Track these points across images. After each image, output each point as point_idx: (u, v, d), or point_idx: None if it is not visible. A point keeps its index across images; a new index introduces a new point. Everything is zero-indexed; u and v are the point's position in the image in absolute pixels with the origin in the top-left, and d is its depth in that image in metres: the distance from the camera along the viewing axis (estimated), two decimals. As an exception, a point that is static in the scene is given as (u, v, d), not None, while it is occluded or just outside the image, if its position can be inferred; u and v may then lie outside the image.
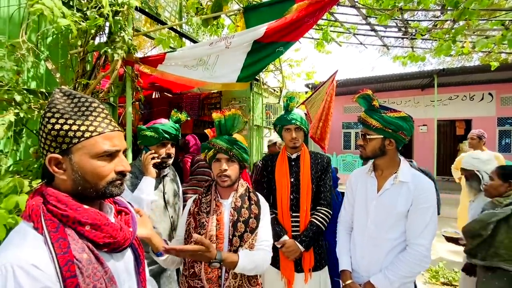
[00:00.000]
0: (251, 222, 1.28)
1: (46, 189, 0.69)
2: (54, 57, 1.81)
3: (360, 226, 1.47)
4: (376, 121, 1.34)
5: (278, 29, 1.82)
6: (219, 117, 1.32)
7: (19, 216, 1.23)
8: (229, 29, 5.05)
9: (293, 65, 6.54)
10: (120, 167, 0.73)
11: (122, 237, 0.74)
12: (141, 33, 2.41)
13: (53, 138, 0.67)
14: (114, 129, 0.73)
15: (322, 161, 1.80)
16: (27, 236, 0.63)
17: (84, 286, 0.63)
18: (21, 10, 1.71)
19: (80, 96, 0.73)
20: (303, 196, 1.70)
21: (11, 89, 1.35)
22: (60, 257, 0.61)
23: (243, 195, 1.34)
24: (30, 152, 1.58)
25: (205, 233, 1.21)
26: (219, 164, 1.29)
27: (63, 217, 0.66)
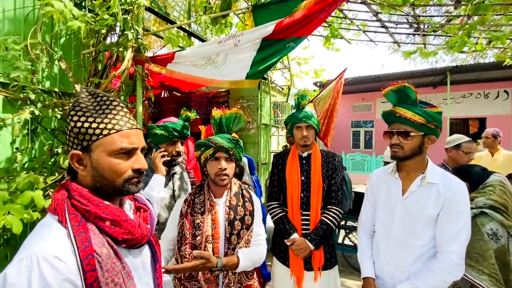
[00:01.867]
0: (246, 219, 1.29)
1: (70, 184, 0.71)
2: (67, 57, 1.85)
3: (384, 230, 1.36)
4: (420, 116, 1.21)
5: (287, 26, 1.81)
6: (220, 115, 1.31)
7: (35, 211, 1.27)
8: (237, 28, 5.05)
9: (301, 63, 6.50)
10: (137, 165, 0.73)
11: (140, 233, 0.75)
12: (150, 33, 2.44)
13: (75, 135, 0.70)
14: (132, 127, 0.74)
15: (334, 160, 1.78)
16: (52, 229, 0.66)
17: (103, 280, 0.64)
18: (35, 11, 1.76)
19: (103, 95, 0.75)
20: (314, 195, 1.69)
21: (26, 88, 1.39)
22: (81, 250, 0.63)
23: (237, 193, 1.34)
24: (45, 149, 1.63)
25: (200, 234, 1.21)
26: (217, 163, 1.26)
27: (85, 212, 0.68)
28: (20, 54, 1.38)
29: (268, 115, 5.55)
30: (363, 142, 11.36)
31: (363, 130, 11.41)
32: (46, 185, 1.38)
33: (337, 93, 3.29)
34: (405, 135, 1.24)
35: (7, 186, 1.26)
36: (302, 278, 1.65)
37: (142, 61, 1.95)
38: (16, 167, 1.40)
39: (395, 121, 1.27)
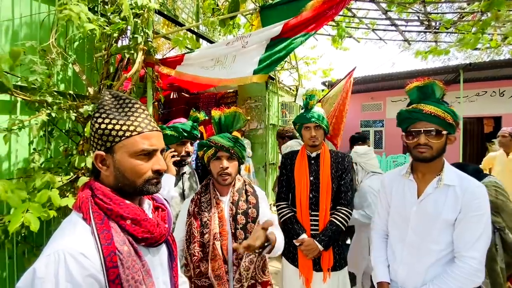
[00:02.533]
0: (250, 212, 1.29)
1: (94, 183, 0.74)
2: (80, 60, 1.91)
3: (399, 234, 1.32)
4: (448, 114, 1.15)
5: (295, 25, 1.80)
6: (219, 115, 1.32)
7: (51, 210, 1.32)
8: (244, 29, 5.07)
9: (309, 63, 6.47)
10: (157, 166, 0.76)
11: (158, 232, 0.77)
12: (160, 35, 2.49)
13: (99, 137, 0.73)
14: (153, 129, 0.76)
15: (343, 160, 1.76)
16: (77, 226, 0.69)
17: (124, 277, 0.67)
18: (50, 16, 1.82)
19: (125, 97, 0.77)
20: (323, 195, 1.69)
21: (43, 91, 1.44)
22: (104, 247, 0.66)
23: (240, 189, 1.35)
24: (60, 150, 1.68)
25: (208, 232, 1.22)
26: (219, 162, 1.28)
27: (108, 210, 0.71)
28: (37, 58, 1.43)
29: (276, 116, 5.55)
30: (372, 142, 11.18)
31: (373, 130, 11.24)
32: (61, 185, 1.42)
33: (346, 93, 3.26)
34: (435, 134, 1.16)
35: (25, 186, 1.31)
36: (311, 278, 1.65)
37: (152, 64, 2.00)
38: (34, 167, 1.45)
39: (420, 119, 1.18)
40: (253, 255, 1.22)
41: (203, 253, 1.22)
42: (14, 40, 1.68)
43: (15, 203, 1.17)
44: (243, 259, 1.22)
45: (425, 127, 1.17)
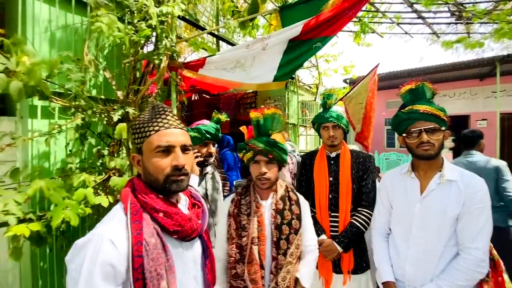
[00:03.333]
0: (294, 223, 1.26)
1: (134, 179, 0.83)
2: (110, 67, 2.03)
3: (403, 232, 1.34)
4: (440, 111, 1.22)
5: (315, 25, 1.80)
6: (257, 117, 1.29)
7: (87, 207, 1.42)
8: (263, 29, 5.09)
9: (329, 60, 6.36)
10: (174, 161, 0.80)
11: (189, 227, 0.82)
12: (183, 40, 2.57)
13: (134, 141, 0.83)
14: (170, 126, 0.82)
15: (364, 160, 1.73)
16: (116, 215, 0.77)
17: (148, 268, 0.71)
18: (82, 26, 1.95)
19: (157, 106, 0.86)
20: (343, 196, 1.66)
21: (78, 97, 1.56)
22: (133, 236, 0.72)
23: (284, 196, 1.31)
24: (93, 151, 1.80)
25: (246, 235, 1.21)
26: (258, 167, 1.26)
27: (144, 203, 0.78)
28: (73, 67, 1.55)
29: (296, 115, 5.51)
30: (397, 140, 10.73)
31: (398, 128, 10.77)
32: (95, 184, 1.53)
33: (372, 93, 3.15)
34: (433, 132, 1.22)
35: (64, 184, 1.43)
36: (331, 280, 1.63)
37: (176, 68, 2.08)
38: (71, 167, 1.58)
39: (418, 119, 1.24)
40: (290, 266, 1.21)
41: (240, 255, 1.21)
42: (52, 49, 1.84)
43: (56, 200, 1.28)
44: (282, 269, 1.20)
45: (424, 125, 1.22)
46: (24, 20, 1.73)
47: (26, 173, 1.44)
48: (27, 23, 1.74)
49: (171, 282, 0.76)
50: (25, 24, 1.73)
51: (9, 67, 1.25)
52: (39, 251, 1.75)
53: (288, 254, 1.22)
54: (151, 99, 1.93)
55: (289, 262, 1.22)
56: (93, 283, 0.66)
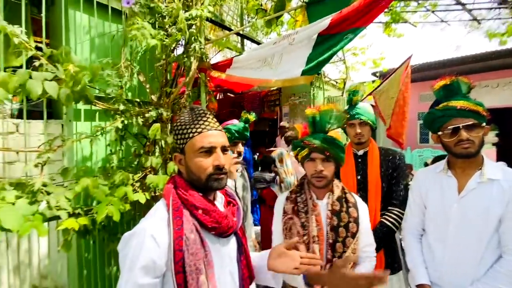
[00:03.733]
0: (351, 227, 1.21)
1: (176, 177, 0.89)
2: (143, 71, 2.14)
3: (439, 233, 1.29)
4: (479, 106, 1.15)
5: (344, 18, 1.73)
6: (313, 113, 1.24)
7: (126, 204, 1.52)
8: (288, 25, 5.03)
9: (357, 54, 6.12)
10: (216, 161, 0.85)
11: (226, 224, 0.86)
12: (211, 41, 2.63)
13: (176, 141, 0.88)
14: (211, 128, 0.86)
15: (394, 157, 1.66)
16: (158, 211, 0.84)
17: (188, 262, 0.76)
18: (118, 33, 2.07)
19: (196, 108, 0.91)
20: (371, 195, 1.61)
21: (117, 100, 1.67)
22: (174, 231, 0.77)
23: (340, 197, 1.26)
24: (131, 151, 1.92)
25: (306, 233, 1.19)
26: (313, 164, 1.21)
27: (184, 200, 0.83)
28: (112, 72, 1.65)
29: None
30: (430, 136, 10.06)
31: (433, 123, 10.09)
32: (133, 181, 1.63)
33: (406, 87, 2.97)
34: (472, 128, 1.15)
35: (106, 182, 1.54)
36: None
37: (205, 69, 2.13)
38: (112, 166, 1.70)
39: (454, 116, 1.18)
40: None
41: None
42: (91, 55, 1.98)
43: (100, 197, 1.38)
44: None
45: (462, 122, 1.16)
46: (67, 30, 1.88)
47: (73, 172, 1.57)
48: (69, 32, 1.88)
49: (210, 277, 0.79)
50: (68, 33, 1.88)
51: (58, 75, 1.37)
52: (84, 243, 1.90)
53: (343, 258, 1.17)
54: (182, 100, 2.00)
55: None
56: (134, 273, 0.73)
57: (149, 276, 0.74)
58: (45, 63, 1.41)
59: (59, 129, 2.14)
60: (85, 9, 1.89)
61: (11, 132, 2.03)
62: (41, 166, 1.41)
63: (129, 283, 0.74)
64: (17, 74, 1.20)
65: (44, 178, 1.38)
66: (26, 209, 1.16)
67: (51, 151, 1.45)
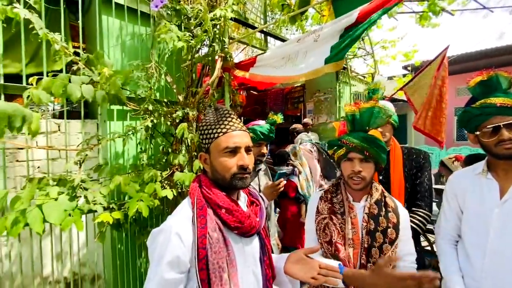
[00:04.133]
0: (389, 233, 1.14)
1: (201, 176, 0.92)
2: (170, 71, 2.21)
3: (477, 240, 1.20)
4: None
5: (373, 9, 1.64)
6: (353, 111, 1.17)
7: (155, 200, 1.59)
8: (313, 19, 4.90)
9: (387, 47, 5.80)
10: (240, 161, 0.86)
11: (248, 223, 0.86)
12: (235, 40, 2.65)
13: (202, 141, 0.90)
14: (235, 129, 0.88)
15: (418, 157, 1.59)
16: (183, 209, 0.87)
17: (211, 260, 0.78)
18: (147, 36, 2.16)
19: (221, 108, 0.93)
20: (394, 195, 1.52)
21: (147, 101, 1.74)
22: (199, 230, 0.80)
23: (379, 200, 1.19)
24: (160, 149, 2.00)
25: (342, 236, 1.14)
26: (351, 164, 1.15)
27: (208, 198, 0.85)
28: (142, 74, 1.73)
29: (348, 108, 5.20)
30: (470, 132, 9.28)
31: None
32: (162, 178, 1.70)
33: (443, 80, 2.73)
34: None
35: (136, 179, 1.63)
36: None
37: (229, 68, 2.15)
38: (142, 164, 1.79)
39: (493, 114, 1.10)
40: None
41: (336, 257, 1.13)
42: (122, 57, 2.08)
43: (131, 193, 1.47)
44: None
45: (503, 121, 1.07)
46: (101, 34, 1.99)
47: (107, 169, 1.68)
48: (103, 37, 2.00)
49: (232, 275, 0.81)
50: (101, 38, 2.00)
51: (93, 78, 1.47)
52: (117, 236, 2.03)
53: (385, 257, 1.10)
54: (207, 100, 2.04)
55: None
56: (160, 267, 0.77)
57: (174, 271, 0.77)
58: (82, 67, 1.52)
59: (95, 128, 2.30)
60: (116, 14, 1.99)
61: (54, 131, 2.21)
62: (79, 163, 1.52)
63: (156, 277, 0.77)
64: (58, 78, 1.29)
65: (82, 174, 1.49)
66: (67, 204, 1.26)
67: (88, 149, 1.56)
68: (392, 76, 8.36)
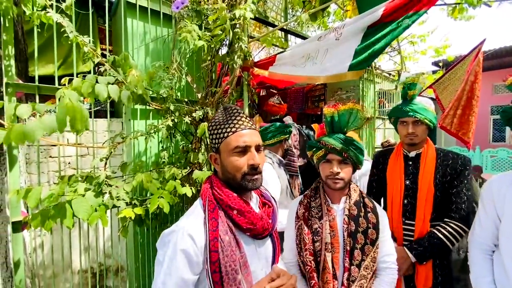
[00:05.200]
0: (370, 233, 1.14)
1: (212, 177, 0.91)
2: (191, 71, 2.25)
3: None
4: None
5: (400, 5, 1.56)
6: (332, 112, 1.19)
7: (175, 197, 1.63)
8: (335, 15, 4.77)
9: (415, 42, 5.49)
10: (250, 161, 0.83)
11: (261, 225, 0.85)
12: (255, 39, 2.64)
13: (212, 140, 0.89)
14: (245, 128, 0.85)
15: (455, 162, 1.43)
16: (195, 211, 0.86)
17: (223, 263, 0.77)
18: (169, 37, 2.22)
19: (229, 107, 0.91)
20: (421, 203, 1.42)
21: (168, 101, 1.79)
22: (210, 232, 0.79)
23: (358, 201, 1.20)
24: (179, 148, 2.05)
25: (319, 240, 1.14)
26: (329, 166, 1.17)
27: (220, 200, 0.84)
28: (164, 75, 1.78)
29: (372, 106, 5.00)
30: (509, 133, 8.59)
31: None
32: (182, 176, 1.74)
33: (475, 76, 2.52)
34: None
35: (158, 176, 1.68)
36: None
37: (248, 68, 2.15)
38: (163, 161, 1.84)
39: None
40: (364, 280, 1.10)
41: (315, 262, 1.14)
42: (146, 58, 2.15)
43: (153, 190, 1.51)
44: (355, 282, 1.10)
45: None
46: (126, 36, 2.07)
47: (131, 167, 1.75)
48: (127, 39, 2.08)
49: (246, 277, 0.80)
50: (126, 40, 2.08)
51: (119, 79, 1.53)
52: (140, 230, 2.11)
53: (362, 266, 1.11)
54: (225, 99, 2.06)
55: (363, 275, 1.10)
56: (173, 267, 0.76)
57: (187, 271, 0.76)
58: (108, 68, 1.59)
59: (120, 127, 2.40)
60: (140, 16, 2.06)
61: (83, 130, 2.33)
62: (105, 161, 1.59)
63: (168, 277, 0.76)
64: (86, 79, 1.36)
65: (107, 171, 1.56)
66: (93, 200, 1.33)
67: (113, 147, 1.63)
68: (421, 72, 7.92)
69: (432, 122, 1.48)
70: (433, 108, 1.53)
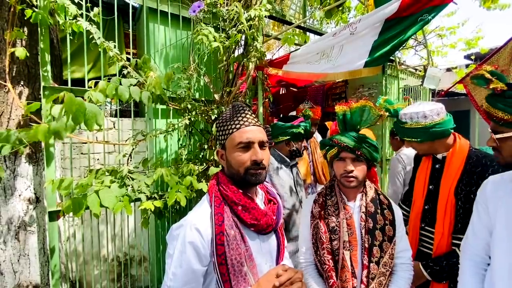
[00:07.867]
0: (387, 230, 1.13)
1: (219, 173, 0.95)
2: (208, 72, 2.33)
3: (506, 262, 0.92)
4: None
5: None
6: (344, 110, 1.19)
7: (192, 191, 1.71)
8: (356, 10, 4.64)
9: (444, 35, 5.18)
10: (254, 156, 0.86)
11: (264, 221, 0.88)
12: (271, 38, 2.67)
13: (218, 137, 0.94)
14: (249, 124, 0.88)
15: (484, 171, 1.22)
16: (202, 206, 0.89)
17: (229, 256, 0.81)
18: (188, 40, 2.31)
19: (237, 105, 0.95)
20: (441, 212, 1.30)
21: (186, 100, 1.88)
22: (216, 227, 0.82)
23: (374, 198, 1.18)
24: (197, 145, 2.14)
25: (337, 238, 1.13)
26: (343, 164, 1.16)
27: (225, 195, 0.87)
28: (182, 76, 1.87)
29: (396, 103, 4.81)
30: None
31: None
32: (199, 172, 1.82)
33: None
34: None
35: (176, 172, 1.77)
36: None
37: (263, 67, 2.18)
38: (182, 158, 1.93)
39: None
40: (383, 277, 1.09)
41: (333, 261, 1.13)
42: (166, 60, 2.26)
43: (172, 184, 1.60)
44: (374, 280, 1.08)
45: None
46: (148, 40, 2.19)
47: (152, 162, 1.86)
48: (149, 42, 2.20)
49: (251, 268, 0.83)
50: (149, 43, 2.20)
51: (140, 80, 1.64)
52: (160, 223, 2.24)
53: (381, 263, 1.09)
54: (241, 98, 2.11)
55: (382, 273, 1.09)
56: (182, 259, 0.79)
57: (196, 263, 0.80)
58: (131, 70, 1.70)
59: (143, 126, 2.55)
60: (161, 21, 2.18)
61: (110, 128, 2.52)
62: (127, 156, 1.71)
63: (178, 269, 0.79)
64: (111, 81, 1.48)
65: (130, 166, 1.68)
66: (117, 191, 1.44)
67: (135, 144, 1.75)
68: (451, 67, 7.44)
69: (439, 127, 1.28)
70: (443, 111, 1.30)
